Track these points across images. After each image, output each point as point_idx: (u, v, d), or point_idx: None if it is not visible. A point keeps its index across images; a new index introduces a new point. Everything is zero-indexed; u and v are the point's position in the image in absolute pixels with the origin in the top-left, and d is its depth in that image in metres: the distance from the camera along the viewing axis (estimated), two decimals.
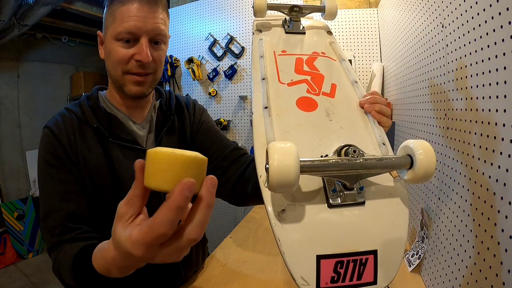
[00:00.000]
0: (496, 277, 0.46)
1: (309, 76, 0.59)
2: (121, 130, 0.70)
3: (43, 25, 2.91)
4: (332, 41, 0.70)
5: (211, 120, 0.90)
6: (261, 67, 0.59)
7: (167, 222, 0.31)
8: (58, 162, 0.64)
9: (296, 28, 0.70)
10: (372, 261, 0.37)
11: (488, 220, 0.50)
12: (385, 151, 0.46)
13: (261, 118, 0.49)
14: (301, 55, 0.64)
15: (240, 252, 0.97)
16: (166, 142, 0.77)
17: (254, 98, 0.54)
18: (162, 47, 0.69)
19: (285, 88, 0.56)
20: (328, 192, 0.40)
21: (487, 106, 0.52)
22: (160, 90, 0.85)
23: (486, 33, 0.51)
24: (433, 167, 0.36)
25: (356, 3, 1.85)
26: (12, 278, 2.52)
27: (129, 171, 0.69)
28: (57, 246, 0.59)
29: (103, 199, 0.67)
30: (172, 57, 2.12)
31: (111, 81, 0.72)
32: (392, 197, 0.41)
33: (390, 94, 1.48)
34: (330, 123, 0.50)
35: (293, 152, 0.34)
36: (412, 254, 0.87)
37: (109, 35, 0.65)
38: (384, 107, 0.53)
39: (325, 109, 0.52)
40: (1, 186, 2.99)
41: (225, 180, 0.79)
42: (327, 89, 0.56)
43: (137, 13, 0.62)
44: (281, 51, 0.65)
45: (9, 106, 3.14)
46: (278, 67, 0.60)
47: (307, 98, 0.54)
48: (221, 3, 2.01)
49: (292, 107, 0.52)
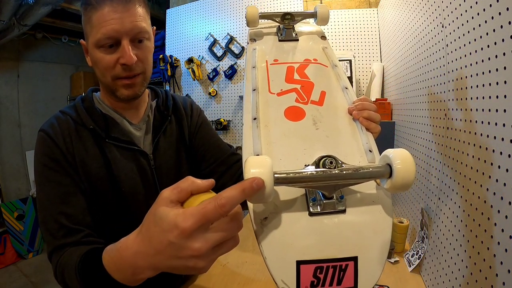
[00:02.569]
0: (496, 277, 0.46)
1: (299, 84, 0.59)
2: (117, 131, 0.70)
3: (43, 25, 2.91)
4: (325, 46, 0.70)
5: (209, 123, 0.90)
6: (253, 78, 0.60)
7: (231, 198, 0.33)
8: (56, 165, 0.64)
9: (289, 36, 0.70)
10: (352, 267, 0.38)
11: (488, 220, 0.50)
12: (371, 158, 0.46)
13: (250, 129, 0.50)
14: (293, 63, 0.65)
15: (239, 252, 0.97)
16: (163, 143, 0.76)
17: (244, 109, 0.55)
18: (146, 44, 0.67)
19: (275, 98, 0.57)
20: (308, 200, 0.41)
21: (486, 106, 0.52)
22: (156, 90, 0.84)
23: (486, 33, 0.51)
24: (412, 176, 0.37)
25: (356, 3, 1.85)
26: (12, 278, 2.52)
27: (127, 172, 0.69)
28: (59, 249, 0.59)
29: (101, 200, 0.67)
30: (172, 57, 2.12)
31: (103, 87, 0.71)
32: (374, 204, 0.42)
33: (390, 94, 1.48)
34: (316, 132, 0.51)
35: (267, 166, 0.35)
36: (412, 254, 0.87)
37: (91, 43, 0.63)
38: (373, 113, 0.53)
39: (312, 118, 0.53)
40: (1, 186, 2.99)
41: (221, 185, 0.79)
42: (316, 97, 0.57)
43: (112, 16, 0.60)
44: (273, 60, 0.65)
45: (9, 106, 3.14)
46: (270, 77, 0.61)
47: (296, 107, 0.55)
48: (221, 3, 2.01)
49: (280, 118, 0.53)
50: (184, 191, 0.36)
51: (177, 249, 0.34)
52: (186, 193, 0.36)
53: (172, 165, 0.77)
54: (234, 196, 0.33)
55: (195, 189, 0.37)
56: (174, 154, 0.78)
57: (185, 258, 0.34)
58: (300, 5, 1.84)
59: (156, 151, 0.74)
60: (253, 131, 0.50)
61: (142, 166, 0.72)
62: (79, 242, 0.59)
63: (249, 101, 0.55)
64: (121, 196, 0.68)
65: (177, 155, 0.79)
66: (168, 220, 0.33)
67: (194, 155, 0.83)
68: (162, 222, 0.34)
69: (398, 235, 0.94)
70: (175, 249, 0.34)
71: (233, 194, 0.33)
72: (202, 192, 0.37)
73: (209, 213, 0.32)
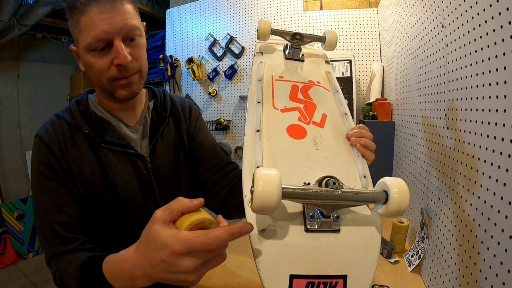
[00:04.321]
0: (496, 277, 0.46)
1: (302, 104, 0.61)
2: (113, 134, 0.69)
3: (43, 25, 2.90)
4: (328, 71, 0.71)
5: (206, 127, 0.89)
6: (258, 91, 0.61)
7: (219, 238, 0.38)
8: (51, 172, 0.63)
9: (296, 55, 0.71)
10: (341, 284, 0.41)
11: (488, 220, 0.50)
12: (365, 183, 0.49)
13: (252, 140, 0.51)
14: (297, 82, 0.66)
15: (240, 252, 0.97)
16: (161, 145, 0.76)
17: (248, 120, 0.56)
18: (139, 41, 0.65)
19: (278, 113, 0.58)
20: (306, 217, 0.43)
21: (486, 106, 0.52)
22: (154, 90, 0.83)
23: (486, 33, 0.51)
24: (405, 205, 0.39)
25: (356, 3, 1.85)
26: (12, 278, 2.52)
27: (123, 175, 0.69)
28: (57, 256, 0.59)
29: (98, 205, 0.66)
30: (172, 57, 2.12)
31: (99, 89, 0.70)
32: (367, 226, 0.44)
33: (390, 94, 1.48)
34: (316, 152, 0.52)
35: (277, 180, 0.37)
36: (412, 254, 0.87)
37: (81, 48, 0.61)
38: (369, 142, 0.55)
39: (313, 138, 0.54)
40: (1, 186, 2.99)
41: (215, 192, 0.80)
42: (317, 118, 0.58)
43: (100, 17, 0.57)
44: (278, 76, 0.66)
45: (9, 106, 3.14)
46: (274, 92, 0.62)
47: (298, 126, 0.56)
48: (221, 3, 2.01)
49: (283, 133, 0.54)
50: (175, 211, 0.41)
51: (169, 266, 0.39)
52: (177, 213, 0.41)
53: (170, 167, 0.76)
54: (222, 237, 0.38)
55: (185, 209, 0.41)
56: (171, 156, 0.77)
57: (176, 273, 0.39)
58: (300, 5, 1.85)
59: (153, 154, 0.74)
60: (256, 143, 0.51)
61: (139, 169, 0.71)
62: (77, 250, 0.60)
63: (252, 113, 0.57)
64: (118, 201, 0.68)
65: (175, 157, 0.78)
66: (160, 240, 0.39)
67: (192, 159, 0.83)
68: (155, 241, 0.39)
69: (398, 235, 0.94)
70: (167, 265, 0.39)
71: (221, 235, 0.38)
72: (192, 211, 0.42)
73: (196, 246, 0.38)
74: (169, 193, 0.75)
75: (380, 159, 1.28)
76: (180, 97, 0.88)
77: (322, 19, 1.82)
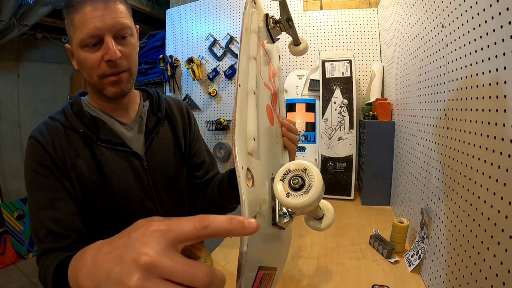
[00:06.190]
0: (496, 277, 0.46)
1: (272, 89, 0.60)
2: (108, 132, 0.69)
3: (43, 25, 2.91)
4: (280, 67, 0.72)
5: (199, 131, 0.93)
6: (252, 45, 0.51)
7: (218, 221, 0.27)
8: (45, 170, 0.63)
9: (275, 34, 0.66)
10: (273, 276, 0.45)
11: (488, 220, 0.50)
12: None
13: (250, 101, 0.44)
14: (271, 61, 0.64)
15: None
16: (157, 144, 0.76)
17: (241, 71, 0.45)
18: (130, 40, 0.66)
19: (262, 86, 0.52)
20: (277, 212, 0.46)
21: (486, 106, 0.51)
22: (148, 91, 0.84)
23: (486, 33, 0.51)
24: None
25: (356, 3, 1.85)
26: (12, 278, 2.52)
27: (119, 173, 0.69)
28: (46, 253, 0.58)
29: (94, 203, 0.66)
30: (172, 57, 2.12)
31: (90, 88, 0.71)
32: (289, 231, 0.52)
33: (390, 94, 1.48)
34: (276, 145, 0.55)
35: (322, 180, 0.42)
36: (412, 254, 0.87)
37: (75, 44, 0.63)
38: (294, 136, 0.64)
39: (275, 129, 0.56)
40: (1, 186, 2.99)
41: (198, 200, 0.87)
42: (277, 110, 0.59)
43: (94, 14, 0.60)
44: (263, 42, 0.61)
45: (9, 106, 3.14)
46: (261, 58, 0.55)
47: (270, 109, 0.55)
48: (221, 3, 2.01)
49: (263, 112, 0.51)
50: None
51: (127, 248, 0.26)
52: None
53: (166, 166, 0.77)
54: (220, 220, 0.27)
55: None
56: (168, 156, 0.78)
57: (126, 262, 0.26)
58: (300, 5, 1.84)
59: (148, 152, 0.74)
60: (250, 106, 0.44)
61: (134, 167, 0.71)
62: (67, 248, 0.58)
63: (252, 67, 0.47)
64: (114, 199, 0.68)
65: (171, 157, 0.79)
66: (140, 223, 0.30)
67: (189, 162, 0.86)
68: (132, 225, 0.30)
69: (398, 235, 0.94)
70: (125, 248, 0.27)
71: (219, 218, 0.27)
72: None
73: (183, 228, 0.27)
74: (166, 192, 0.76)
75: (380, 159, 1.28)
76: (176, 99, 0.89)
77: (322, 19, 1.82)
